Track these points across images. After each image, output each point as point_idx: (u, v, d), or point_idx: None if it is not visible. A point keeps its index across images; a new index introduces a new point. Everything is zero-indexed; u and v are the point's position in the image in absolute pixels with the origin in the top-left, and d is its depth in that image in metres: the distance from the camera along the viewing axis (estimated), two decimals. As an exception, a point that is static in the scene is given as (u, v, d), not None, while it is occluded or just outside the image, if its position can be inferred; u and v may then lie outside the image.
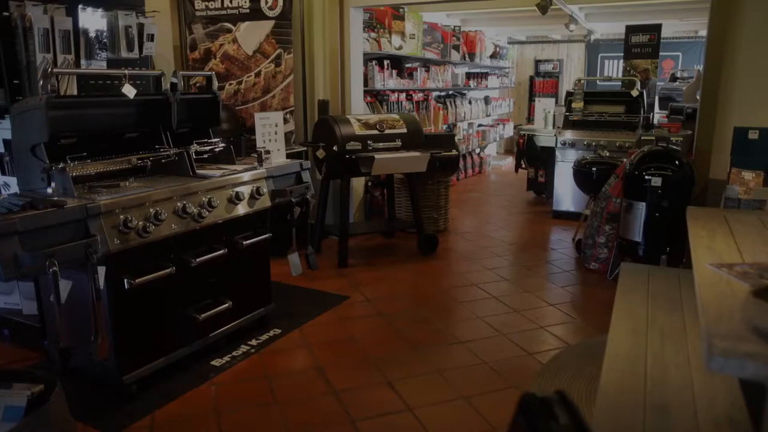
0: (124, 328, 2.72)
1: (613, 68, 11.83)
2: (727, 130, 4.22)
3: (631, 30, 7.19)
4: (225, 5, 5.66)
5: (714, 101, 4.27)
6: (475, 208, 7.18)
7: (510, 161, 11.26)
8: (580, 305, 4.08)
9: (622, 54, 11.57)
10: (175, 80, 3.25)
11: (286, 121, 5.61)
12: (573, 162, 5.34)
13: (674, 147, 4.26)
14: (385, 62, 6.19)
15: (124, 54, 3.47)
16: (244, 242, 3.31)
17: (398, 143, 4.83)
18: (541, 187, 7.51)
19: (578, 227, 5.68)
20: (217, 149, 3.48)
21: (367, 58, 5.94)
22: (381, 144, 4.75)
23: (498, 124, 10.96)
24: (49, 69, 3.19)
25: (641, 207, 4.16)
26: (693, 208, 3.46)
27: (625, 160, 5.12)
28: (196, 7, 5.79)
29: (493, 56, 9.95)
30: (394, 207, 5.64)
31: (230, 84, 5.71)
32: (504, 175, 9.89)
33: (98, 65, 3.46)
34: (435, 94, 7.87)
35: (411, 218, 5.69)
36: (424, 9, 7.15)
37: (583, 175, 5.21)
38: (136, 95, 3.01)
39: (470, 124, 9.22)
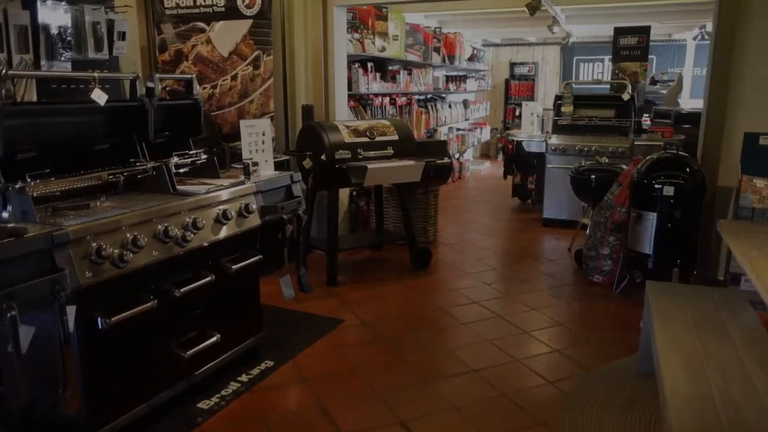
0: (98, 376, 2.33)
1: (588, 71, 11.79)
2: (736, 136, 4.04)
3: (619, 32, 7.05)
4: (198, 3, 5.26)
5: (722, 105, 4.08)
6: (461, 216, 6.92)
7: (488, 165, 11.08)
8: (590, 322, 3.83)
9: (598, 57, 11.65)
10: (151, 84, 2.87)
11: (265, 127, 5.23)
12: (570, 169, 5.12)
13: (683, 153, 4.06)
14: (369, 65, 5.88)
15: (91, 54, 3.06)
16: (233, 266, 2.94)
17: (390, 151, 4.52)
18: (527, 193, 7.30)
19: (574, 236, 5.47)
20: (199, 162, 3.10)
21: (350, 61, 5.61)
22: (372, 152, 4.43)
23: (475, 127, 10.76)
24: (3, 71, 2.77)
25: (651, 217, 3.94)
26: (726, 222, 3.26)
27: (624, 166, 4.93)
28: (166, 5, 5.37)
29: (470, 59, 9.73)
30: (383, 218, 5.32)
31: (204, 88, 5.31)
32: (484, 180, 9.67)
33: (62, 67, 3.03)
34: (416, 97, 7.59)
35: (400, 229, 5.39)
36: (407, 9, 6.86)
37: (581, 182, 4.99)
38: (107, 102, 2.62)
39: (450, 129, 8.98)
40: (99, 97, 2.59)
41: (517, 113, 12.16)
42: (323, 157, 4.28)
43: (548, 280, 4.66)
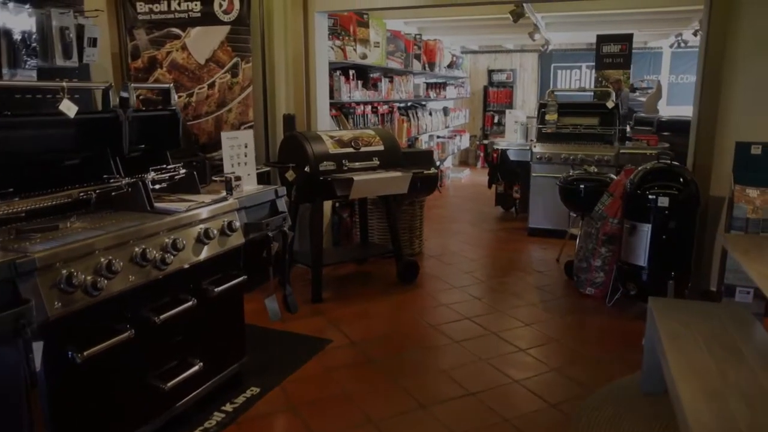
0: (69, 417, 2.11)
1: (566, 78, 11.83)
2: (728, 145, 3.99)
3: (602, 39, 7.03)
4: (172, 8, 5.04)
5: (713, 114, 4.03)
6: (445, 226, 6.79)
7: (468, 173, 11.01)
8: (586, 338, 3.72)
9: (576, 64, 11.69)
10: (125, 94, 2.67)
11: (244, 137, 5.04)
12: (558, 178, 5.02)
13: (676, 163, 3.99)
14: (351, 72, 5.72)
15: (59, 62, 2.83)
16: (216, 289, 2.74)
17: (376, 162, 4.36)
18: (510, 202, 7.22)
19: (562, 247, 5.37)
20: (177, 176, 2.90)
21: (331, 68, 5.45)
22: (357, 163, 4.27)
23: (455, 135, 10.68)
24: (-38, 80, 2.54)
25: (646, 229, 3.85)
26: (732, 236, 3.18)
27: (613, 176, 4.86)
28: (139, 11, 5.14)
29: (450, 66, 9.65)
30: (367, 230, 5.16)
31: (180, 96, 5.08)
32: (465, 189, 9.58)
33: (26, 75, 2.81)
34: (397, 105, 7.45)
35: (385, 242, 5.23)
36: (388, 15, 6.74)
37: (569, 192, 4.90)
38: (77, 113, 2.41)
39: (430, 137, 8.87)
40: (68, 108, 2.38)
41: (496, 120, 12.17)
42: (307, 168, 4.11)
43: (539, 294, 4.54)
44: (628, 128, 6.02)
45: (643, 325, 3.87)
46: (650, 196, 3.85)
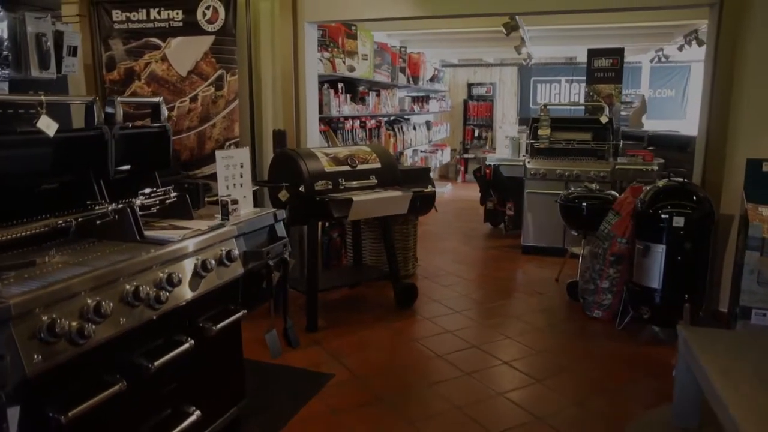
0: (50, 488, 1.79)
1: (546, 92, 11.81)
2: (738, 162, 3.87)
3: (593, 54, 6.95)
4: (152, 17, 4.74)
5: (723, 130, 3.91)
6: (435, 244, 6.56)
7: (450, 188, 10.85)
8: (603, 366, 3.52)
9: (555, 78, 11.69)
10: (111, 110, 2.37)
11: (229, 154, 4.75)
12: (559, 195, 4.85)
13: (688, 181, 3.85)
14: (339, 86, 5.48)
15: (35, 73, 2.52)
16: (214, 327, 2.45)
17: (373, 181, 4.12)
18: (499, 219, 7.04)
19: (562, 266, 5.20)
20: (168, 201, 2.61)
21: (320, 81, 5.20)
22: (355, 182, 4.02)
23: (436, 149, 10.51)
24: None
25: (659, 250, 3.69)
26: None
27: (614, 193, 4.71)
28: (115, 19, 4.83)
29: (431, 79, 9.50)
30: (361, 252, 4.90)
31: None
32: (449, 204, 9.39)
33: (-4, 88, 2.49)
34: (383, 119, 7.24)
35: (378, 263, 4.99)
36: (375, 27, 6.54)
37: (571, 210, 4.73)
38: (57, 131, 2.11)
39: (414, 151, 8.68)
40: (47, 125, 2.08)
41: (476, 134, 12.08)
42: (301, 188, 3.84)
43: (544, 317, 4.34)
44: (621, 143, 5.90)
45: (658, 351, 3.74)
46: (663, 216, 3.69)
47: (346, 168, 4.04)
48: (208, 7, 4.60)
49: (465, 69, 12.28)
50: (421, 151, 9.20)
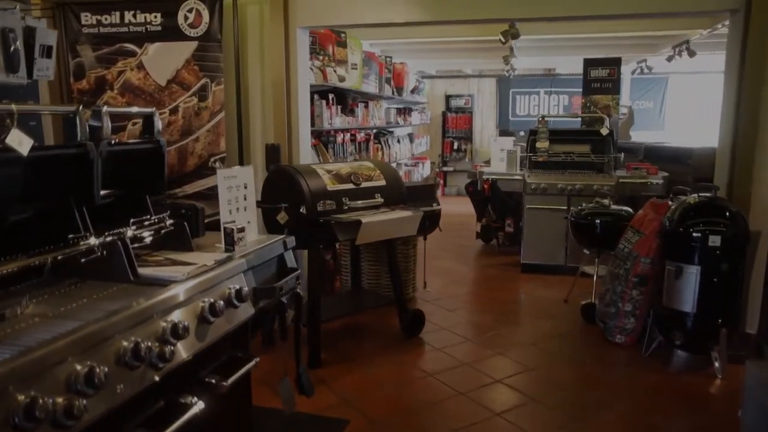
0: None
1: (525, 104, 11.67)
2: (764, 176, 3.67)
3: (589, 64, 6.76)
4: (126, 21, 4.31)
5: (751, 144, 3.69)
6: (431, 263, 6.13)
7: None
8: (641, 401, 3.21)
9: (534, 89, 11.57)
10: (97, 123, 1.96)
11: (214, 170, 4.32)
12: (571, 213, 4.59)
13: (720, 196, 3.62)
14: (330, 96, 5.12)
15: (1, 77, 2.08)
16: (224, 383, 2.03)
17: (379, 199, 3.76)
18: (492, 234, 6.76)
19: (572, 286, 4.90)
20: (165, 230, 2.19)
21: (311, 92, 4.82)
22: (360, 202, 3.65)
23: (417, 162, 10.21)
24: None
25: (693, 271, 3.42)
26: None
27: (628, 209, 4.47)
28: (84, 22, 4.38)
29: (413, 91, 9.22)
30: (360, 275, 4.52)
31: (134, 123, 4.31)
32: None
33: (-50, 97, 2.04)
34: (372, 132, 6.89)
35: (376, 287, 4.64)
36: (365, 35, 6.21)
37: (584, 227, 4.46)
38: (32, 149, 1.69)
39: (398, 165, 8.35)
40: (19, 142, 1.66)
41: (455, 147, 11.85)
42: (302, 209, 3.45)
43: (563, 344, 4.04)
44: (622, 156, 5.69)
45: (693, 380, 3.46)
46: (695, 235, 3.43)
47: (350, 186, 3.67)
48: (190, 10, 4.19)
49: (443, 80, 12.06)
50: (405, 165, 8.88)
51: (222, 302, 2.02)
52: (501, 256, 6.45)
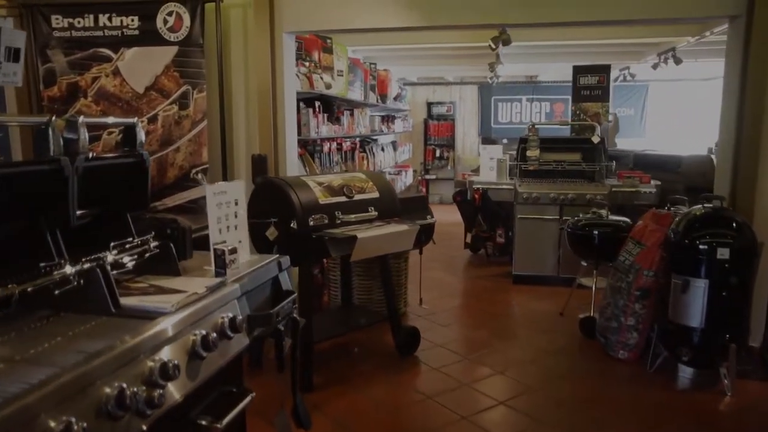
0: None
1: (506, 111, 11.62)
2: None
3: (578, 71, 6.68)
4: (101, 24, 4.07)
5: (754, 151, 3.61)
6: (418, 275, 6.03)
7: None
8: (653, 420, 3.08)
9: (516, 96, 11.52)
10: (72, 135, 1.74)
11: (196, 182, 4.10)
12: (567, 223, 4.46)
13: (725, 207, 3.51)
14: (317, 104, 4.92)
15: (-39, 84, 1.85)
16: (219, 425, 1.82)
17: (373, 213, 3.57)
18: (480, 244, 6.62)
19: (568, 298, 4.77)
20: (149, 253, 1.98)
21: (296, 99, 4.62)
22: (353, 216, 3.46)
23: (400, 171, 10.04)
24: None
25: (701, 285, 3.30)
26: None
27: (626, 219, 4.36)
28: (54, 26, 4.12)
29: (396, 98, 9.06)
30: (351, 290, 4.33)
31: (110, 133, 4.08)
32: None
33: None
34: (358, 141, 6.70)
35: (368, 302, 4.45)
36: (350, 41, 6.04)
37: (581, 239, 4.34)
38: (-3, 167, 1.47)
39: (382, 174, 8.16)
40: (-18, 158, 1.43)
41: (437, 155, 11.73)
42: (293, 224, 3.24)
43: (563, 360, 3.90)
44: (614, 164, 5.60)
45: (701, 397, 3.34)
46: (702, 247, 3.31)
47: (343, 199, 3.48)
48: (170, 14, 3.97)
49: (424, 87, 11.94)
50: (389, 174, 8.70)
51: (215, 334, 1.81)
52: (491, 267, 6.31)
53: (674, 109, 10.97)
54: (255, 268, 2.23)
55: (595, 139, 5.59)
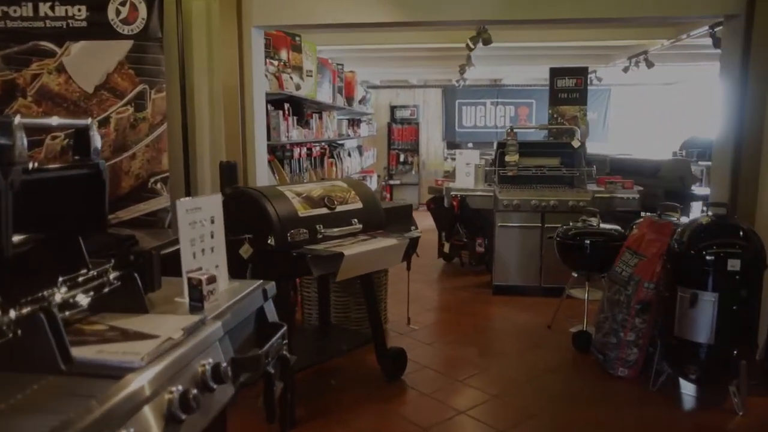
0: None
1: (471, 115, 11.46)
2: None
3: (556, 73, 6.51)
4: (42, 14, 3.61)
5: (756, 156, 3.45)
6: (394, 287, 5.70)
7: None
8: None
9: (480, 100, 11.37)
10: (6, 141, 1.35)
11: (155, 193, 3.68)
12: (556, 232, 4.24)
13: (732, 215, 3.34)
14: (286, 106, 4.55)
15: None
16: (201, 505, 1.45)
17: (357, 226, 3.24)
18: (453, 253, 6.36)
19: (556, 310, 4.54)
20: (108, 287, 1.59)
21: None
22: (336, 229, 3.11)
23: (364, 176, 9.72)
24: None
25: (710, 299, 3.10)
26: None
27: (619, 228, 4.16)
28: (-12, 16, 3.61)
29: (361, 101, 8.74)
30: (329, 309, 3.97)
31: (54, 138, 3.61)
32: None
33: None
34: (328, 146, 6.35)
35: (345, 321, 4.12)
36: (320, 41, 5.68)
37: (571, 248, 4.12)
38: None
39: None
40: None
41: (401, 159, 11.46)
42: (271, 240, 2.88)
43: (562, 380, 3.65)
44: (594, 169, 5.43)
45: (710, 416, 3.15)
46: (709, 258, 3.12)
47: (324, 211, 3.13)
48: (123, 4, 3.54)
49: (387, 90, 11.66)
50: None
51: (196, 390, 1.44)
52: (468, 277, 6.06)
53: (636, 113, 11.03)
54: (237, 299, 1.87)
55: (576, 144, 5.42)
